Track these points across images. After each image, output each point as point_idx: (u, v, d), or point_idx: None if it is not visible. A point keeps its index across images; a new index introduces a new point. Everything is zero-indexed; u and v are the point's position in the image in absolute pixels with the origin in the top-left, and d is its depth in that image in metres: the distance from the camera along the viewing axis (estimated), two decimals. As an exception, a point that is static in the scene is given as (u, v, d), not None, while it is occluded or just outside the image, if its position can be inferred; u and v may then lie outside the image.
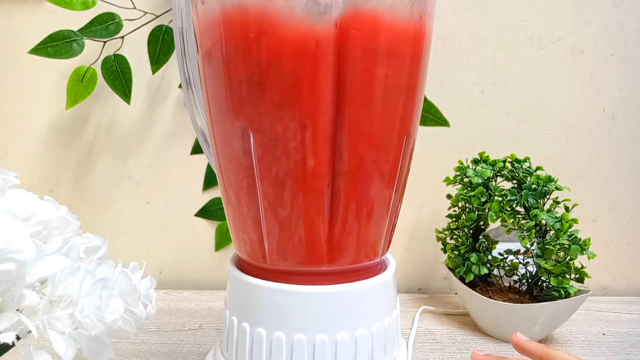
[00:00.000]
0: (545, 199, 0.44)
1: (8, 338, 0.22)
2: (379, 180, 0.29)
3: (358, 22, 0.25)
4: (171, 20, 0.49)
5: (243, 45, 0.26)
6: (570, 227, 0.41)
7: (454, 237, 0.50)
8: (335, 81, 0.26)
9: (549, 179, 0.43)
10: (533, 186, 0.43)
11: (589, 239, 0.41)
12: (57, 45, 0.50)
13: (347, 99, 0.26)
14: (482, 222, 0.49)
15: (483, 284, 0.48)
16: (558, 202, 0.44)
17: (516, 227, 0.44)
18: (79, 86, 0.52)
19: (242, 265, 0.32)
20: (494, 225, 0.50)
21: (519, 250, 0.48)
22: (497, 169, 0.46)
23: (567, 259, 0.42)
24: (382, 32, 0.26)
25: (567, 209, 0.43)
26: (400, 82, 0.28)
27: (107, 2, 0.53)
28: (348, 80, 0.26)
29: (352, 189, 0.28)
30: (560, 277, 0.42)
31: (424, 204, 0.59)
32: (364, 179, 0.28)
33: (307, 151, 0.27)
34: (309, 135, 0.26)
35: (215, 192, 0.59)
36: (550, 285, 0.43)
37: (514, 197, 0.43)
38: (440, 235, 0.51)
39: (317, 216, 0.28)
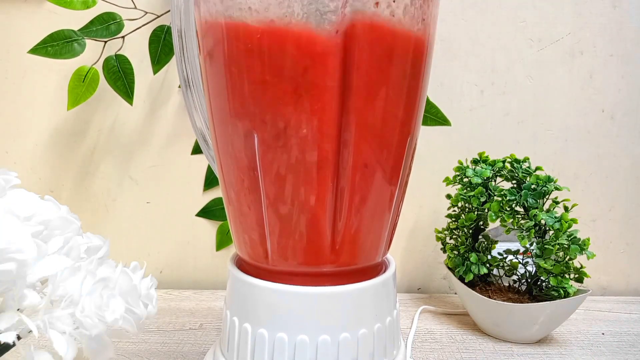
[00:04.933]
0: (545, 199, 0.44)
1: (9, 338, 0.22)
2: (383, 179, 0.29)
3: (363, 31, 0.25)
4: (171, 21, 0.49)
5: (246, 52, 0.26)
6: (569, 227, 0.41)
7: (454, 237, 0.50)
8: (341, 84, 0.26)
9: (549, 179, 0.44)
10: (532, 186, 0.43)
11: (589, 239, 0.41)
12: (57, 45, 0.50)
13: (353, 100, 0.26)
14: (481, 222, 0.49)
15: (482, 284, 0.48)
16: (557, 202, 0.44)
17: (515, 227, 0.44)
18: (81, 87, 0.52)
19: (243, 266, 0.32)
20: (493, 225, 0.50)
21: (518, 250, 0.48)
22: (497, 169, 0.46)
23: (567, 259, 0.42)
24: (388, 40, 0.26)
25: (566, 209, 0.43)
26: (403, 84, 0.28)
27: (108, 2, 0.53)
28: (354, 83, 0.26)
29: (357, 188, 0.28)
30: (559, 277, 0.42)
31: (424, 204, 0.59)
32: (368, 178, 0.28)
33: (312, 151, 0.27)
34: (314, 135, 0.26)
35: (217, 192, 0.59)
36: (549, 285, 0.43)
37: (513, 197, 0.43)
38: (439, 235, 0.51)
39: (321, 216, 0.28)
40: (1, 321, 0.22)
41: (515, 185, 0.45)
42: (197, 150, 0.58)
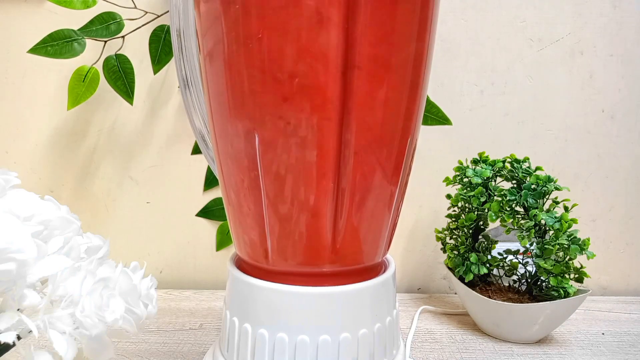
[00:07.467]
0: (545, 199, 0.44)
1: (9, 338, 0.22)
2: (383, 179, 0.29)
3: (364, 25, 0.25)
4: (171, 21, 0.49)
5: (246, 52, 0.26)
6: (569, 227, 0.41)
7: (454, 237, 0.50)
8: (343, 78, 0.26)
9: (549, 179, 0.44)
10: (532, 186, 0.43)
11: (589, 239, 0.41)
12: (57, 44, 0.50)
13: (354, 96, 0.26)
14: (481, 222, 0.49)
15: (482, 284, 0.48)
16: (557, 202, 0.44)
17: (515, 227, 0.44)
18: (81, 86, 0.52)
19: (242, 266, 0.32)
20: (493, 225, 0.50)
21: (518, 250, 0.48)
22: (497, 169, 0.46)
23: (567, 259, 0.42)
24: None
25: (566, 209, 0.43)
26: (404, 83, 0.28)
27: (108, 2, 0.53)
28: (355, 76, 0.26)
29: (357, 188, 0.28)
30: (559, 277, 0.42)
31: (424, 204, 0.59)
32: (368, 177, 0.28)
33: (312, 151, 0.27)
34: (315, 135, 0.26)
35: (216, 193, 0.59)
36: (549, 285, 0.43)
37: (513, 197, 0.43)
38: (439, 235, 0.51)
39: (321, 216, 0.28)
40: (1, 321, 0.22)
41: (515, 185, 0.45)
42: (197, 150, 0.58)
